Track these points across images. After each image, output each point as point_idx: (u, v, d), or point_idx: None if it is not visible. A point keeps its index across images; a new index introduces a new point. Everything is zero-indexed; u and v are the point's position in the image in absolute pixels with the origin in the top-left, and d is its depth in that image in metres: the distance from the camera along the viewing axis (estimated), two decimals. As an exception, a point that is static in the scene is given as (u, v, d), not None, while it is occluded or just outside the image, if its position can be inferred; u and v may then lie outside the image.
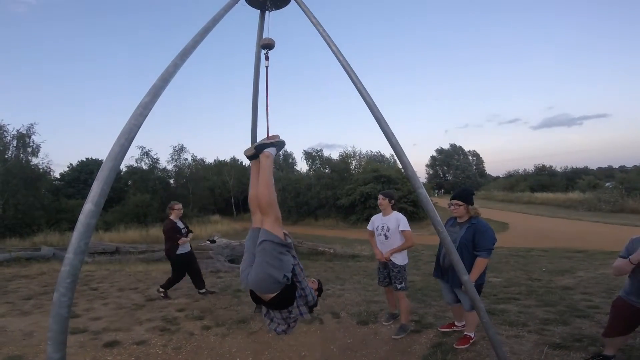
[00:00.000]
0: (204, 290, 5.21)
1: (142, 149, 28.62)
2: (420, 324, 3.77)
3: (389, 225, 3.70)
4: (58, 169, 36.42)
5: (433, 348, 3.20)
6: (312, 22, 2.54)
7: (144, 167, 29.20)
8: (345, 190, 20.95)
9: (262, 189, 1.97)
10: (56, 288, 1.45)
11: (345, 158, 27.06)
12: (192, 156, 32.80)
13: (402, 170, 2.40)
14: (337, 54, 2.47)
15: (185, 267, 5.14)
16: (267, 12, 2.89)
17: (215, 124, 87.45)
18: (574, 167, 38.37)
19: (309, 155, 28.98)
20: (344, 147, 36.03)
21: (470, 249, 3.07)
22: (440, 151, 61.80)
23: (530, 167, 42.42)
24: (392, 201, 3.80)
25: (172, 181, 31.96)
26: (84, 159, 34.08)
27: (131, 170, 29.63)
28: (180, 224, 5.17)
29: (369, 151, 32.84)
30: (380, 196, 3.86)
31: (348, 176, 23.77)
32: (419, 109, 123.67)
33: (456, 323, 3.64)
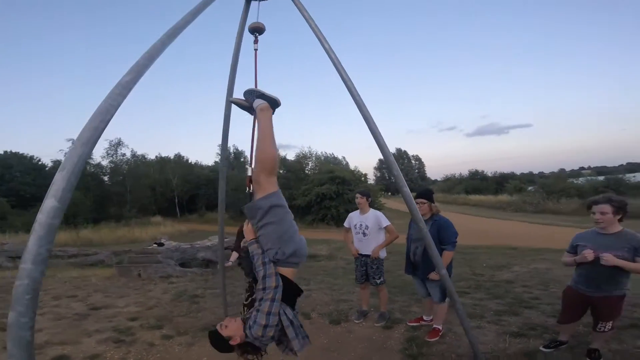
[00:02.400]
0: None
1: (73, 142, 25.58)
2: (389, 320, 3.85)
3: (367, 223, 3.80)
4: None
5: (408, 342, 3.29)
6: (305, 17, 2.44)
7: (74, 162, 26.09)
8: (302, 191, 20.88)
9: (260, 149, 1.68)
10: (12, 307, 1.18)
11: (302, 159, 27.02)
12: (131, 152, 30.19)
13: (389, 169, 2.43)
14: (329, 52, 2.40)
15: None
16: (253, 2, 2.71)
17: (158, 118, 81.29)
18: (502, 172, 42.69)
19: (262, 155, 28.24)
20: (299, 148, 35.96)
21: (436, 244, 3.23)
22: (387, 155, 65.03)
23: (465, 172, 46.37)
24: (369, 199, 3.93)
25: (106, 178, 29.09)
26: (2, 152, 29.63)
27: (58, 165, 26.25)
28: None
29: (324, 152, 33.17)
30: (358, 195, 3.95)
31: (304, 177, 23.75)
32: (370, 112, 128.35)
33: (424, 317, 3.80)
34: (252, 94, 1.92)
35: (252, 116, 2.00)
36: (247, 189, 1.75)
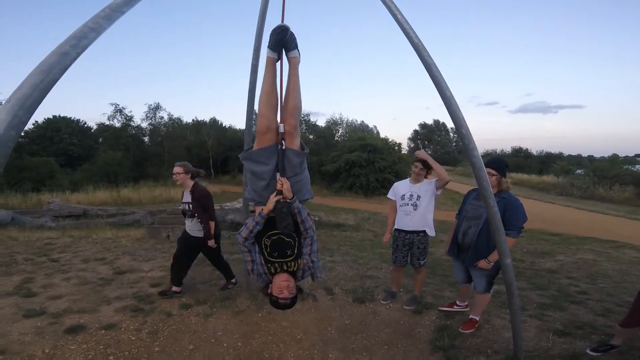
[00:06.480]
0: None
1: (115, 107, 26.62)
2: (420, 304, 3.55)
3: (420, 193, 3.28)
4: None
5: (439, 332, 2.99)
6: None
7: (117, 124, 27.42)
8: (331, 157, 20.39)
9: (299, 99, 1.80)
10: None
11: (332, 125, 26.38)
12: (168, 114, 31.06)
13: (457, 126, 2.06)
14: (394, 10, 1.97)
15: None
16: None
17: (194, 83, 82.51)
18: (549, 151, 39.29)
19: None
20: (330, 115, 35.13)
21: None
22: (423, 126, 61.94)
23: (507, 148, 43.26)
24: (430, 172, 3.37)
25: (146, 139, 30.36)
26: (51, 117, 31.92)
27: (102, 127, 27.79)
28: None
29: (354, 120, 32.15)
30: (418, 165, 3.32)
31: (334, 143, 23.22)
32: (399, 83, 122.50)
33: (458, 302, 3.45)
34: (293, 40, 1.83)
35: (274, 56, 1.82)
36: (280, 146, 1.72)
